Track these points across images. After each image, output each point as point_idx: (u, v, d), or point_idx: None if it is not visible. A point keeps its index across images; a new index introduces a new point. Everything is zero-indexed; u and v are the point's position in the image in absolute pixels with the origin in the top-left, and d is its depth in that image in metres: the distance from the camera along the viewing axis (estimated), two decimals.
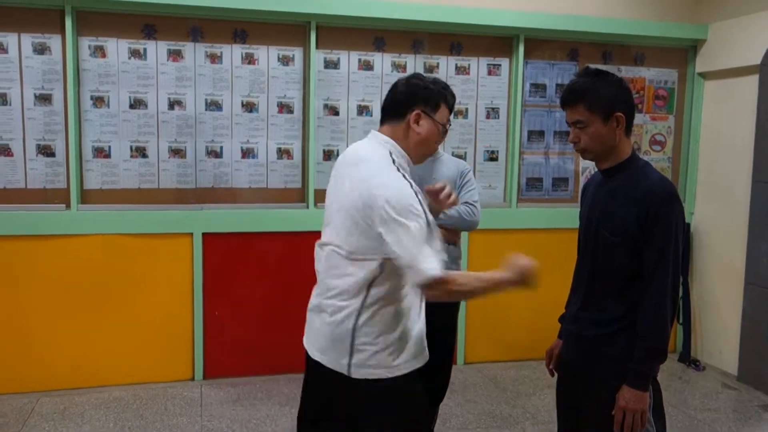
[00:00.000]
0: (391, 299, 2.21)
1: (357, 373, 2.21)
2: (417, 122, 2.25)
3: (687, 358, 5.26)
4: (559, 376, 2.57)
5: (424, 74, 2.40)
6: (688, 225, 5.42)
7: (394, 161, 2.20)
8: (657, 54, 5.36)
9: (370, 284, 2.17)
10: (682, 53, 5.40)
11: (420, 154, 2.31)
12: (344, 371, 2.22)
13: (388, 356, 2.22)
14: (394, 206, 2.06)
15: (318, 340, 2.32)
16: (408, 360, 2.27)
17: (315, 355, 2.33)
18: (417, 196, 2.11)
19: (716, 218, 5.26)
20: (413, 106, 2.25)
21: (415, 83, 2.29)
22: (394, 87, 2.32)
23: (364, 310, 2.19)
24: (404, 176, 2.15)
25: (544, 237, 5.13)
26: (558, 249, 5.04)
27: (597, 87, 2.25)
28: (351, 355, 2.21)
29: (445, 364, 3.32)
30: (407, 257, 2.06)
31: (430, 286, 2.07)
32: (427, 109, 2.26)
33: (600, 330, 2.32)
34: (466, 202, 3.16)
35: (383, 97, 2.37)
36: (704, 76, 5.37)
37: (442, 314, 3.23)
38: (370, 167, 2.18)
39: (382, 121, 2.32)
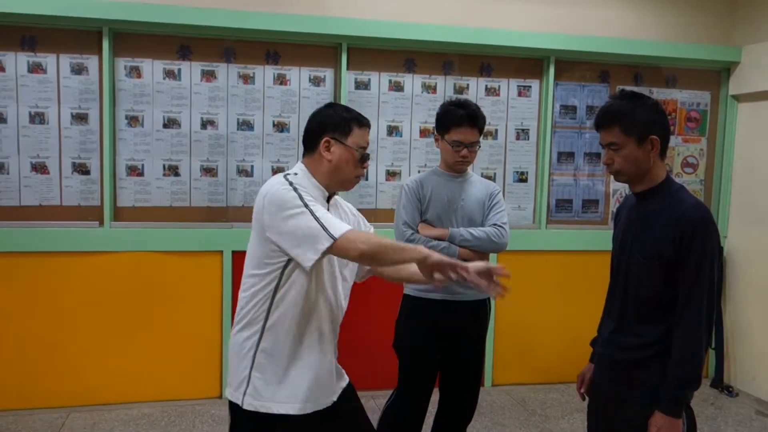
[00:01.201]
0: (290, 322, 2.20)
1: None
2: (328, 149, 2.24)
3: (720, 384, 5.17)
4: (590, 400, 2.55)
5: (338, 103, 2.39)
6: (721, 249, 5.35)
7: (287, 176, 2.20)
8: (689, 76, 5.32)
9: (272, 299, 2.18)
10: (714, 75, 5.36)
11: (336, 181, 2.28)
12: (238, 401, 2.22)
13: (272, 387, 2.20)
14: (278, 203, 2.11)
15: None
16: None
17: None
18: (297, 191, 2.12)
19: (750, 242, 5.18)
20: (323, 134, 2.25)
21: (323, 112, 2.31)
22: (308, 120, 2.33)
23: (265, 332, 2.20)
24: (294, 188, 2.13)
25: (574, 259, 5.09)
26: (588, 271, 5.02)
27: (633, 109, 2.24)
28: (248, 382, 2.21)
29: (474, 385, 3.30)
30: (310, 229, 2.06)
31: (346, 239, 2.04)
32: (337, 134, 2.25)
33: (633, 355, 2.29)
34: (494, 224, 3.15)
35: (413, 118, 2.38)
36: (737, 98, 5.32)
37: (470, 336, 3.22)
38: (267, 183, 2.22)
39: (303, 155, 2.34)
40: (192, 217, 4.59)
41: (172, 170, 4.55)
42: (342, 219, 2.33)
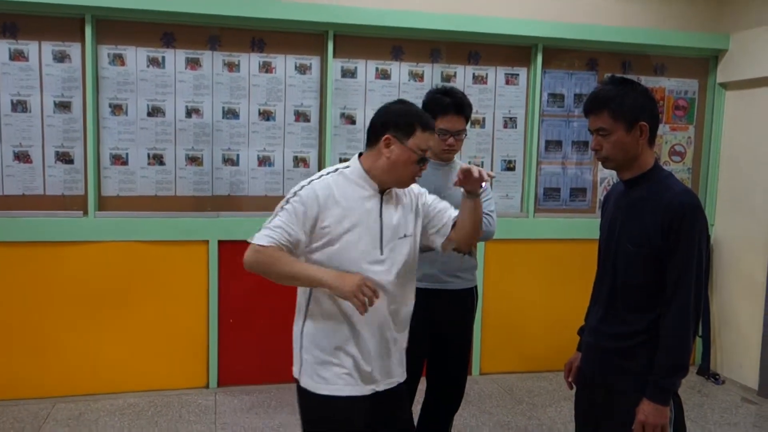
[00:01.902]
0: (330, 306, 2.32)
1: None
2: (387, 146, 2.28)
3: (706, 372, 5.19)
4: (577, 388, 2.54)
5: (409, 101, 2.43)
6: (708, 237, 5.35)
7: (336, 171, 2.35)
8: (677, 64, 5.31)
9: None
10: (702, 63, 5.35)
11: (392, 178, 2.32)
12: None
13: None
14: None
15: None
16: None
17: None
18: (302, 185, 2.32)
19: (737, 230, 5.19)
20: (386, 132, 2.28)
21: (389, 109, 2.35)
22: (376, 112, 2.37)
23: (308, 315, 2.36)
24: (303, 186, 2.31)
25: (562, 247, 5.09)
26: (575, 260, 5.03)
27: (622, 95, 2.23)
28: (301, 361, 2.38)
29: (461, 374, 3.29)
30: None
31: (249, 247, 2.29)
32: (398, 134, 2.27)
33: (621, 343, 2.29)
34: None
35: None
36: (725, 86, 5.32)
37: (457, 323, 3.21)
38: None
39: (366, 146, 2.40)
40: (177, 207, 4.55)
41: (157, 159, 4.51)
42: (399, 209, 2.38)
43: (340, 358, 2.30)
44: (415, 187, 2.50)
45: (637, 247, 2.23)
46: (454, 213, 2.51)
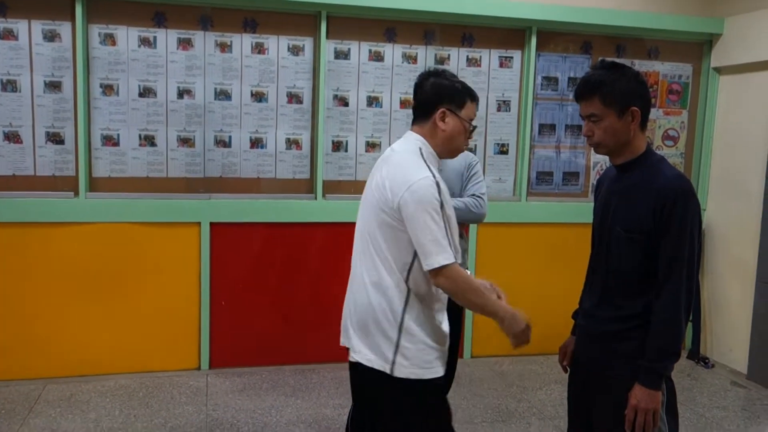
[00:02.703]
0: (428, 294, 2.29)
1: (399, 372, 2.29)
2: (443, 119, 2.32)
3: (696, 356, 5.22)
4: (571, 372, 2.54)
5: (450, 72, 2.45)
6: (701, 222, 5.36)
7: (423, 155, 2.28)
8: (671, 48, 5.29)
9: (408, 274, 2.25)
10: (697, 47, 5.33)
11: (447, 150, 2.38)
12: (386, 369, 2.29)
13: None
14: (416, 196, 2.17)
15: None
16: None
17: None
18: (438, 188, 2.20)
19: (729, 215, 5.21)
20: (439, 104, 2.32)
21: (440, 82, 2.36)
22: (420, 86, 2.38)
23: (408, 302, 2.28)
24: (429, 168, 2.24)
25: (554, 231, 5.10)
26: (568, 244, 5.04)
27: (613, 80, 2.21)
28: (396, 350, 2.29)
29: (451, 357, 3.29)
30: (422, 243, 2.17)
31: (437, 272, 2.17)
32: (452, 106, 2.33)
33: (614, 327, 2.29)
34: (473, 195, 3.14)
35: (393, 89, 2.39)
36: (719, 70, 5.31)
37: (448, 307, 3.21)
38: (399, 159, 2.30)
39: (414, 122, 2.41)
40: (169, 188, 4.53)
41: (149, 140, 4.48)
42: (442, 184, 2.36)
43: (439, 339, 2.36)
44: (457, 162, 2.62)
45: (629, 231, 2.23)
46: None
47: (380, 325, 2.27)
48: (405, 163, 2.27)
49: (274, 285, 4.68)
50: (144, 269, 4.48)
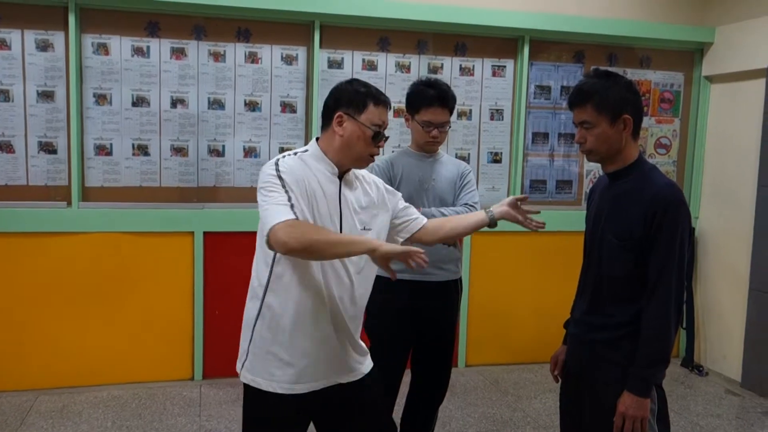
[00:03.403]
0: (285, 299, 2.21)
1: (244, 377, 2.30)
2: (340, 124, 2.21)
3: (690, 363, 5.22)
4: (563, 380, 2.55)
5: (361, 81, 2.33)
6: (693, 229, 5.38)
7: (296, 153, 2.24)
8: (663, 57, 5.32)
9: (270, 272, 2.22)
10: (688, 56, 5.36)
11: (347, 157, 2.23)
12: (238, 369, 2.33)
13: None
14: (261, 179, 2.15)
15: None
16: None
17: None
18: (277, 166, 2.14)
19: (721, 223, 5.22)
20: (336, 109, 2.22)
21: (339, 87, 2.28)
22: (328, 94, 2.30)
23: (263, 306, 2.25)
24: (276, 162, 2.16)
25: (547, 240, 5.10)
26: (561, 252, 5.04)
27: (606, 88, 2.23)
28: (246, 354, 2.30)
29: (445, 365, 3.29)
30: (262, 218, 2.11)
31: (273, 233, 2.02)
32: (350, 110, 2.20)
33: (605, 334, 2.29)
34: (465, 204, 3.14)
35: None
36: (711, 79, 5.33)
37: (441, 315, 3.21)
38: None
39: (321, 129, 2.33)
40: (162, 198, 4.52)
41: (142, 150, 4.48)
42: (360, 195, 2.30)
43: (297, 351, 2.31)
44: (387, 186, 2.47)
45: (620, 239, 2.24)
46: (423, 220, 2.52)
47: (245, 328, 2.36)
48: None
49: None
50: (137, 279, 4.47)
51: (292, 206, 2.07)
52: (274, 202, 2.07)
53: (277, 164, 2.15)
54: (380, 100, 2.26)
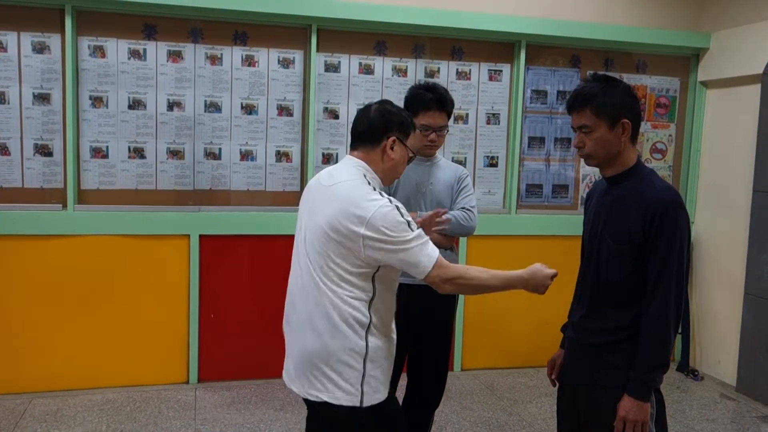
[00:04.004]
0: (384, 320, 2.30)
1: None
2: (392, 148, 2.32)
3: (685, 368, 5.23)
4: (560, 384, 2.54)
5: (391, 102, 2.45)
6: (690, 234, 5.38)
7: (369, 183, 2.26)
8: (659, 62, 5.34)
9: (370, 302, 2.24)
10: (684, 61, 5.38)
11: (390, 177, 2.40)
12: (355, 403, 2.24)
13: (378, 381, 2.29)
14: (385, 225, 2.13)
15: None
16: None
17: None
18: (399, 209, 2.19)
19: (716, 227, 5.24)
20: (389, 132, 2.32)
21: (389, 110, 2.37)
22: (367, 113, 2.36)
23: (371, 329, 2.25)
24: (380, 193, 2.22)
25: (543, 244, 5.10)
26: (557, 256, 4.99)
27: (605, 92, 2.24)
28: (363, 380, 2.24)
29: (441, 369, 3.29)
30: (413, 261, 2.17)
31: (437, 278, 2.20)
32: (401, 135, 2.34)
33: (603, 338, 2.29)
34: (463, 208, 3.14)
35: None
36: (706, 84, 5.35)
37: (437, 319, 3.21)
38: (347, 187, 2.23)
39: (356, 146, 2.37)
40: (158, 201, 4.51)
41: (138, 152, 4.47)
42: None
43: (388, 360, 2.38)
44: None
45: (619, 243, 2.24)
46: None
47: (345, 360, 2.22)
48: (355, 193, 2.20)
49: (264, 298, 4.66)
50: (132, 282, 4.46)
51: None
52: (423, 242, 2.19)
53: (397, 207, 2.18)
54: (415, 126, 2.46)
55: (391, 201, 2.18)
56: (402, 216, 2.17)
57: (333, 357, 2.21)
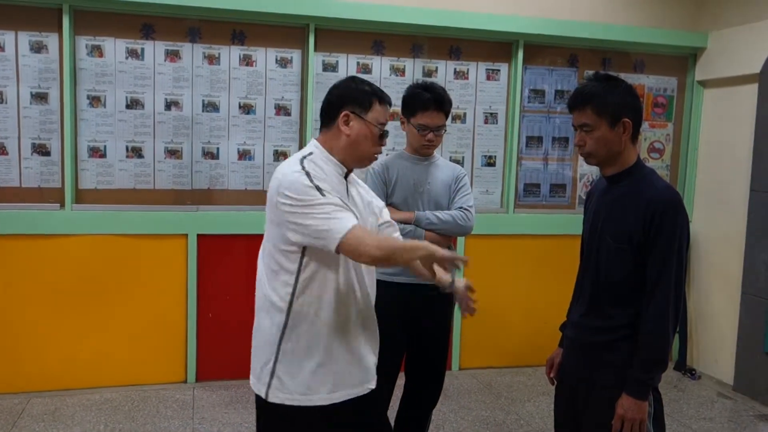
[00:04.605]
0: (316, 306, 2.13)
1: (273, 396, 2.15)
2: (346, 123, 2.18)
3: (683, 367, 5.24)
4: (558, 383, 2.55)
5: (362, 79, 2.30)
6: (689, 233, 5.39)
7: (304, 158, 2.15)
8: (656, 61, 5.34)
9: (294, 284, 2.11)
10: (681, 61, 5.39)
11: (353, 157, 2.22)
12: (262, 393, 2.17)
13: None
14: (292, 193, 2.04)
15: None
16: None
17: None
18: (309, 176, 2.06)
19: (714, 227, 5.24)
20: (343, 107, 2.18)
21: (345, 84, 2.25)
22: (328, 93, 2.26)
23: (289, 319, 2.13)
24: (306, 171, 2.08)
25: (541, 243, 5.11)
26: (555, 255, 5.05)
27: (606, 91, 2.24)
28: (272, 374, 2.15)
29: (439, 368, 3.29)
30: (318, 228, 2.01)
31: (349, 240, 1.98)
32: (357, 108, 2.18)
33: (602, 337, 2.30)
34: (460, 207, 3.14)
35: None
36: (704, 84, 5.36)
37: (435, 318, 3.21)
38: (281, 165, 2.17)
39: (320, 130, 2.28)
40: (156, 200, 4.51)
41: (136, 152, 4.47)
42: (357, 198, 2.28)
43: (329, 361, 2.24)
44: (368, 189, 2.46)
45: (618, 242, 2.24)
46: (396, 231, 2.49)
47: (260, 344, 2.20)
48: (280, 169, 2.14)
49: None
50: (130, 282, 4.45)
51: (351, 211, 2.06)
52: (333, 209, 2.02)
53: (307, 173, 2.06)
54: (384, 99, 2.25)
55: (304, 168, 2.08)
56: (311, 181, 2.04)
57: (256, 339, 2.23)
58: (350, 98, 2.19)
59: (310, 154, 2.19)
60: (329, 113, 2.22)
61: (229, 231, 4.56)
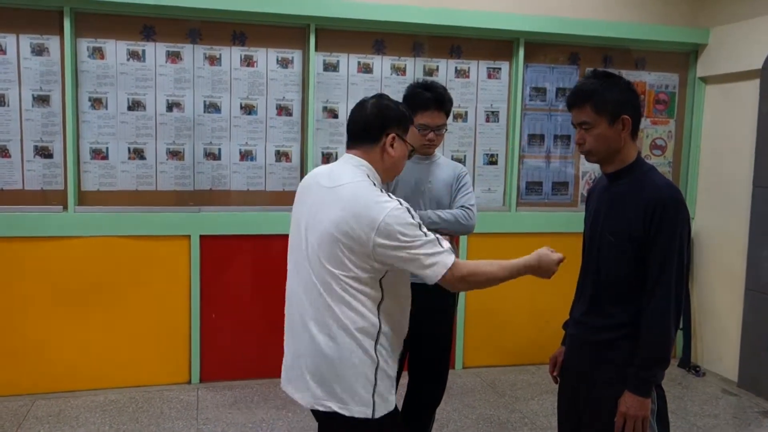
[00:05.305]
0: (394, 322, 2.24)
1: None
2: (392, 145, 2.24)
3: (687, 364, 5.23)
4: (561, 381, 2.55)
5: (388, 96, 2.36)
6: (690, 230, 5.38)
7: (374, 183, 2.19)
8: (658, 58, 5.34)
9: (379, 306, 2.17)
10: (683, 57, 5.38)
11: (390, 175, 2.34)
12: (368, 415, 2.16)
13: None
14: (396, 228, 2.05)
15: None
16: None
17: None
18: (409, 212, 2.12)
19: (717, 223, 5.23)
20: (387, 129, 2.24)
21: (386, 105, 2.28)
22: (362, 109, 2.27)
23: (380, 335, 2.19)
24: (389, 195, 2.14)
25: (544, 241, 5.00)
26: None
27: (605, 89, 2.24)
28: (374, 390, 2.17)
29: (442, 367, 3.29)
30: (426, 263, 2.10)
31: (451, 278, 2.12)
32: (400, 131, 2.26)
33: (604, 335, 2.30)
34: (462, 206, 3.14)
35: None
36: (705, 80, 5.35)
37: (437, 317, 3.21)
38: (353, 188, 2.14)
39: (353, 144, 2.29)
40: (158, 201, 4.52)
41: (138, 153, 4.48)
42: None
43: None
44: None
45: (619, 240, 2.24)
46: None
47: (355, 369, 2.14)
48: (364, 196, 2.11)
49: (265, 297, 4.66)
50: (134, 283, 4.46)
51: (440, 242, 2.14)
52: (435, 243, 2.12)
53: (407, 209, 2.10)
54: (413, 120, 2.36)
55: (401, 203, 2.10)
56: (413, 218, 2.09)
57: (343, 367, 2.12)
58: (395, 120, 2.26)
59: (368, 177, 2.21)
60: (371, 133, 2.24)
61: (232, 231, 4.57)
